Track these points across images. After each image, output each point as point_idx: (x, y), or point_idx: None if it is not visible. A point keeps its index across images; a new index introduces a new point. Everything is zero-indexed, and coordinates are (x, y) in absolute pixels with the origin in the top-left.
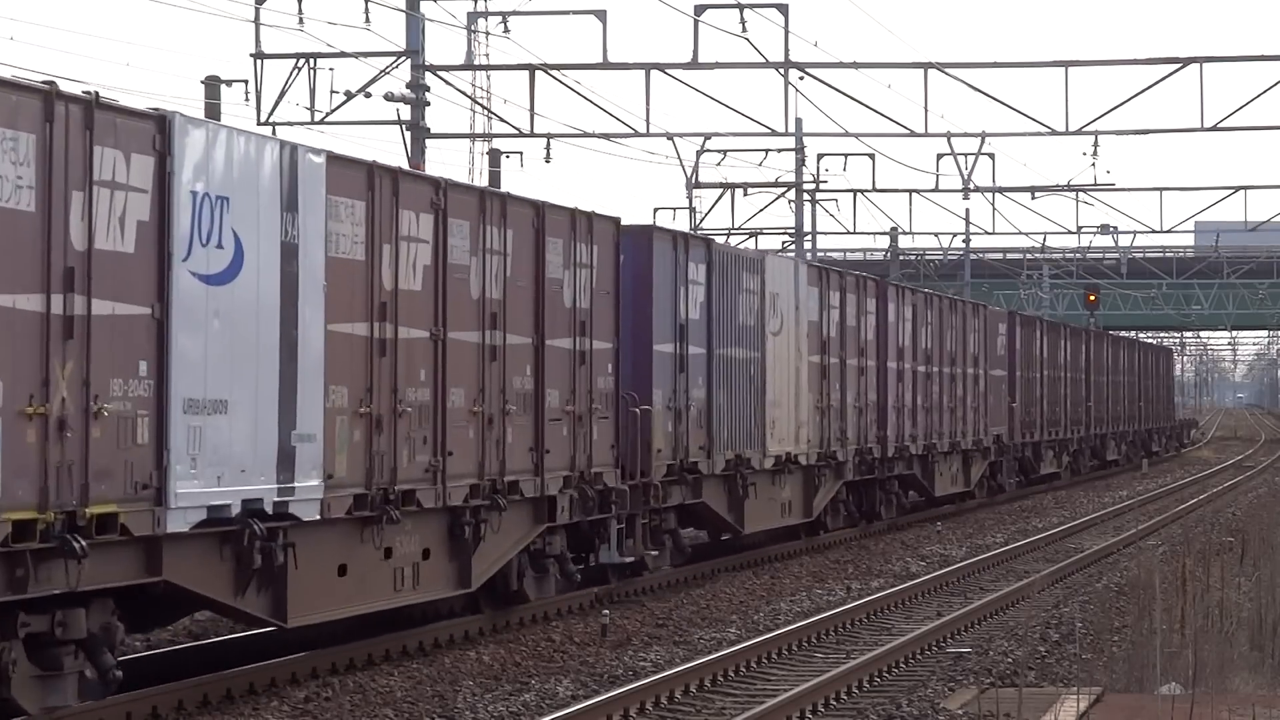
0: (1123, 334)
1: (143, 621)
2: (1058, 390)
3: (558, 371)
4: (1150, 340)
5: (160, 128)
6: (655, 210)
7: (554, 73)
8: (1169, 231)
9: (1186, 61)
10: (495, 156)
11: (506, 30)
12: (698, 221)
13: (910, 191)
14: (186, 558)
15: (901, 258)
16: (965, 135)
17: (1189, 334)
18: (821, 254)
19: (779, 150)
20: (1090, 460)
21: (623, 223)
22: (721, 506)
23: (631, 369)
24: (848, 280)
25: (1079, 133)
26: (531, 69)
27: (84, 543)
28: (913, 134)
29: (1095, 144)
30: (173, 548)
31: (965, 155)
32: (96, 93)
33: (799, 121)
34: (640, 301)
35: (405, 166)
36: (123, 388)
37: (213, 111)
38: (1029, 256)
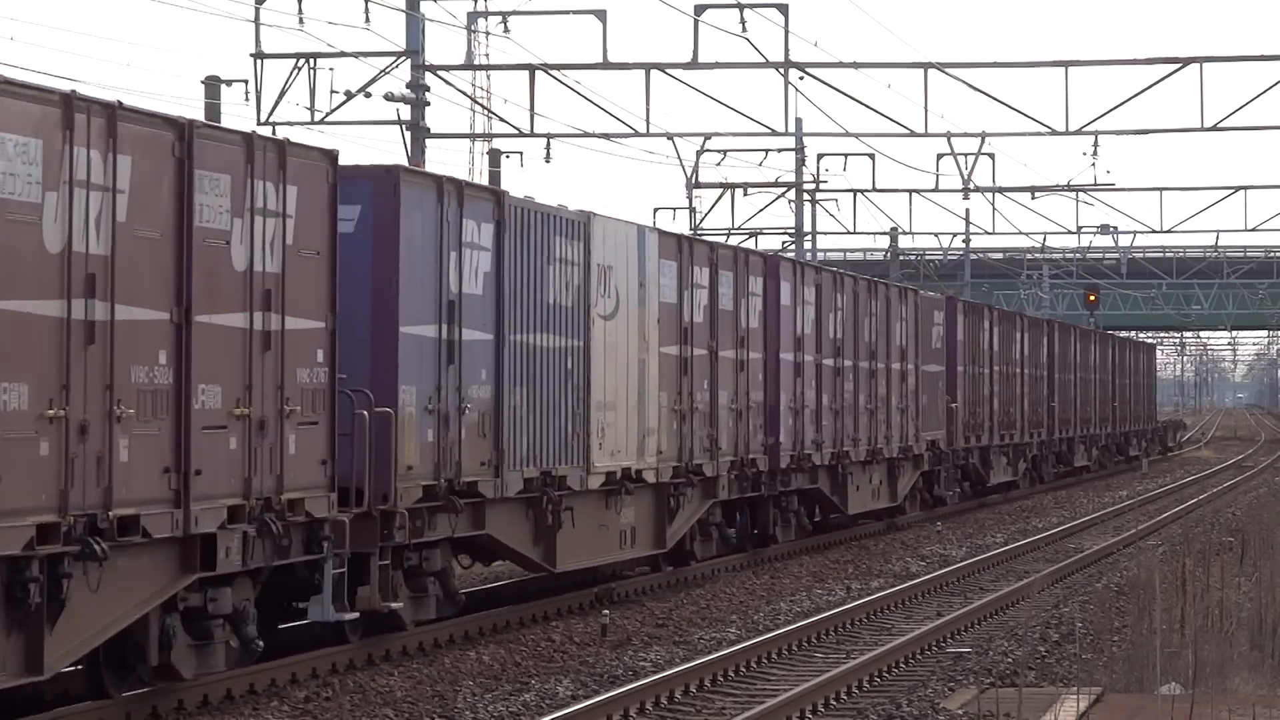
0: (1093, 328)
1: None
2: (1012, 388)
3: (220, 360)
4: (1150, 340)
5: None
6: (655, 210)
7: (554, 73)
8: (1169, 231)
9: (1186, 61)
10: (495, 156)
11: (506, 30)
12: (698, 221)
13: (910, 191)
14: None
15: (901, 258)
16: (965, 135)
17: (1189, 334)
18: (822, 254)
19: (779, 150)
20: (1054, 467)
21: (365, 164)
22: (521, 539)
23: (370, 359)
24: (720, 254)
25: (1079, 133)
26: (531, 69)
27: None
28: (913, 134)
29: (1095, 144)
30: None
31: (965, 155)
32: None
33: (799, 121)
34: (382, 268)
35: None
36: None
37: (213, 111)
38: (1029, 256)
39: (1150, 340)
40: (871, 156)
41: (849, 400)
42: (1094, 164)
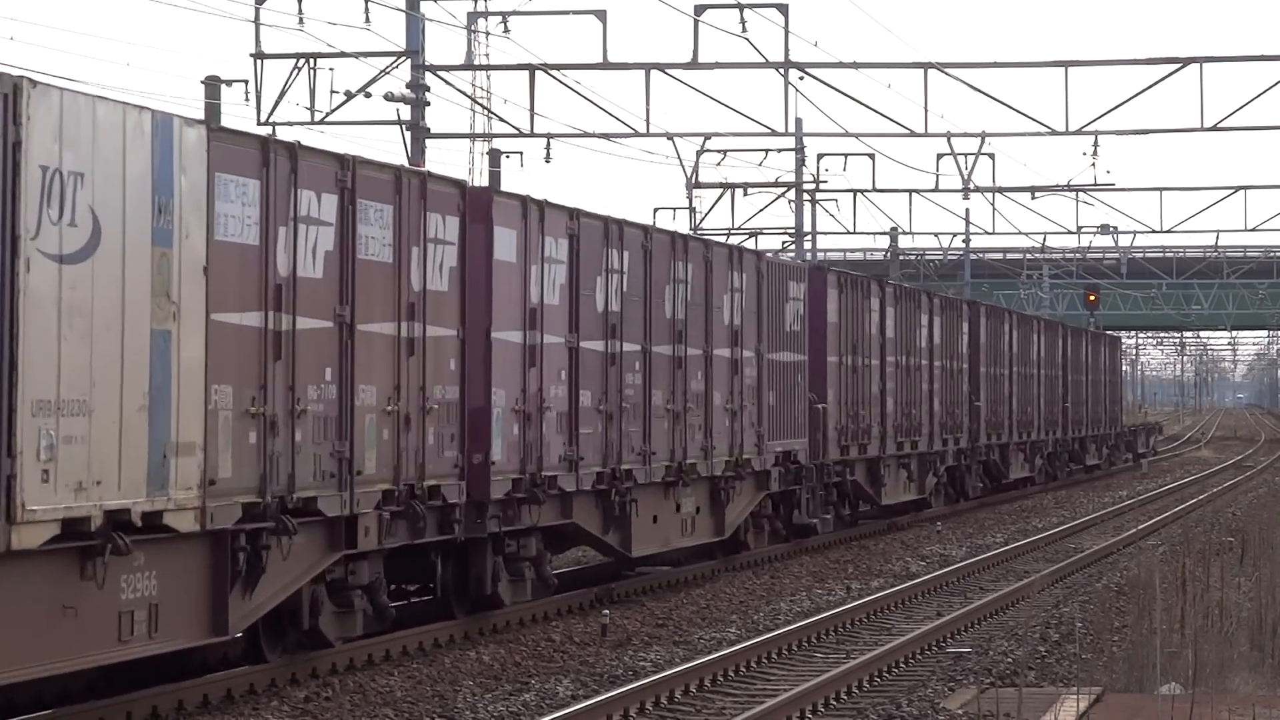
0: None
1: None
2: (917, 385)
3: None
4: (1151, 338)
5: None
6: (655, 210)
7: (554, 73)
8: (1169, 231)
9: (1186, 61)
10: (495, 156)
11: (506, 30)
12: (698, 222)
13: (910, 191)
14: None
15: (901, 258)
16: (965, 135)
17: (1189, 334)
18: (822, 254)
19: (779, 150)
20: (980, 480)
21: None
22: None
23: None
24: (364, 175)
25: (1079, 133)
26: (531, 69)
27: None
28: (913, 134)
29: (1095, 144)
30: None
31: (965, 155)
32: None
33: (799, 121)
34: None
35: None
36: None
37: (213, 112)
38: (1029, 256)
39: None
40: (871, 156)
41: (633, 398)
42: (1094, 164)
